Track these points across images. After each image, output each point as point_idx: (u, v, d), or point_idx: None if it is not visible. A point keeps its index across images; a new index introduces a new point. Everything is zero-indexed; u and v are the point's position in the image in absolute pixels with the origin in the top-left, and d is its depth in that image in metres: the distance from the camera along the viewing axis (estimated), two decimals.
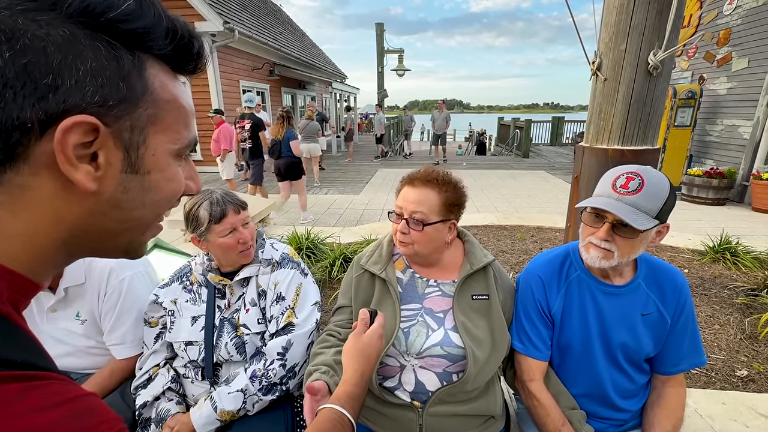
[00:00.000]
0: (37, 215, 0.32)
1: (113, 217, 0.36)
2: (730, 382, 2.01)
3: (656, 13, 1.78)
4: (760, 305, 2.58)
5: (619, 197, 0.96)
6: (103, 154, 0.32)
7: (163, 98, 0.36)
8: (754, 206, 5.72)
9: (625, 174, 0.98)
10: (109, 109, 0.32)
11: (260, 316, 1.25)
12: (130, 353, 1.31)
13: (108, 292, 1.28)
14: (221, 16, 8.55)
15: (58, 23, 0.30)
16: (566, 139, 16.37)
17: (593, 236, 1.01)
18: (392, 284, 1.12)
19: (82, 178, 0.32)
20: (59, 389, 0.29)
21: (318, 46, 20.93)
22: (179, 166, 0.40)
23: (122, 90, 0.33)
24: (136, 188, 0.36)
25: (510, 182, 8.31)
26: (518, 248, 3.79)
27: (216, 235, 1.18)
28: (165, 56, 0.36)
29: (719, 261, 3.36)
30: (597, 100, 2.03)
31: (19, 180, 0.31)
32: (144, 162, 0.36)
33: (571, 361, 1.14)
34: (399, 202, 1.09)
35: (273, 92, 12.45)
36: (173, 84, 0.38)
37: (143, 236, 0.41)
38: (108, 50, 0.32)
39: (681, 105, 6.52)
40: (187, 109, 0.39)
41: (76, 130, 0.30)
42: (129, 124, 0.34)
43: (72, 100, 0.30)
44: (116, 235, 0.38)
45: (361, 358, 0.82)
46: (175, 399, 1.23)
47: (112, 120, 0.32)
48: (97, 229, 0.36)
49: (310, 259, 3.27)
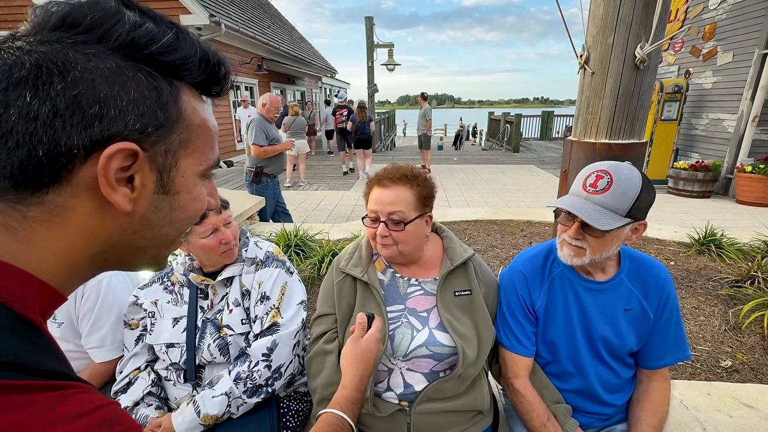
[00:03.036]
0: (72, 233, 0.34)
1: (143, 235, 0.38)
2: (715, 372, 2.04)
3: (643, 6, 1.77)
4: (744, 296, 2.63)
5: (588, 196, 0.97)
6: (139, 177, 0.34)
7: (195, 123, 0.38)
8: (738, 198, 5.83)
9: (595, 172, 0.98)
10: (147, 136, 0.34)
11: (244, 317, 1.22)
12: (110, 356, 1.27)
13: (86, 294, 1.24)
14: (207, 9, 8.38)
15: (105, 56, 0.32)
16: (556, 134, 16.50)
17: (565, 234, 1.02)
18: (375, 287, 1.09)
19: (120, 200, 0.34)
20: (88, 398, 0.30)
21: (308, 40, 20.72)
22: (203, 185, 0.42)
23: (160, 117, 0.35)
24: (165, 208, 0.38)
25: (500, 177, 8.34)
26: (508, 243, 3.80)
27: (197, 236, 1.14)
28: (196, 83, 0.39)
29: (704, 253, 3.41)
30: (585, 93, 2.03)
31: (60, 201, 0.33)
32: (174, 183, 0.38)
33: (557, 356, 1.14)
34: (372, 205, 1.04)
35: (262, 87, 12.29)
36: (202, 108, 0.40)
37: (167, 251, 0.43)
38: (149, 80, 0.34)
39: (667, 99, 6.59)
40: (213, 132, 0.42)
41: (118, 156, 0.32)
42: (164, 148, 0.36)
43: (115, 128, 0.32)
44: (144, 251, 0.40)
45: (360, 363, 0.83)
46: (154, 404, 1.19)
47: (150, 145, 0.35)
48: (126, 246, 0.38)
49: (299, 256, 3.24)
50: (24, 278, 0.32)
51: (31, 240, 0.33)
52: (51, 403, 0.28)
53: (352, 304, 1.11)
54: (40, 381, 0.29)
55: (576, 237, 0.99)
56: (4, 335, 0.29)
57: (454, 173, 8.71)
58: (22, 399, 0.27)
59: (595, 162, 1.06)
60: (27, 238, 0.33)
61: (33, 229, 0.33)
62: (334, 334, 1.13)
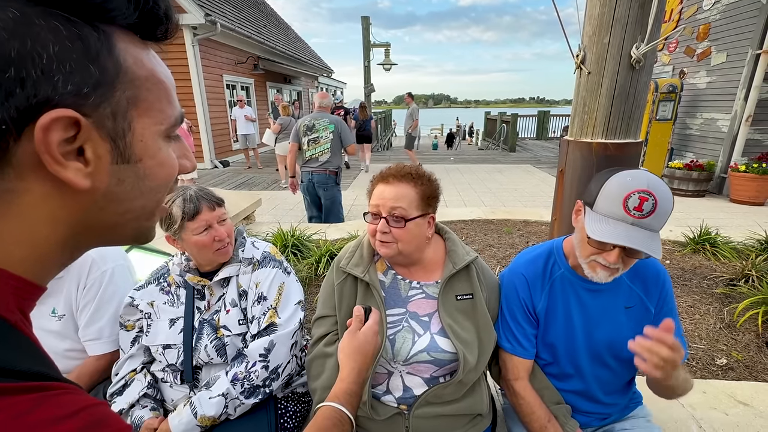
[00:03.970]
0: (32, 219, 0.30)
1: (112, 211, 0.34)
2: (710, 370, 2.06)
3: (639, 6, 1.78)
4: (738, 294, 2.65)
5: (634, 221, 0.89)
6: (89, 147, 0.30)
7: (140, 75, 0.33)
8: (732, 197, 5.87)
9: (636, 194, 0.89)
10: (85, 98, 0.29)
11: (241, 317, 1.21)
12: (107, 349, 1.26)
13: (88, 284, 1.23)
14: (202, 8, 8.34)
15: (3, 2, 0.26)
16: (552, 133, 16.56)
17: (601, 257, 0.96)
18: (376, 287, 1.07)
19: (73, 176, 0.30)
20: (71, 399, 0.28)
21: (304, 40, 20.69)
22: (170, 147, 0.37)
23: (94, 74, 0.29)
24: (130, 178, 0.34)
25: (497, 176, 8.36)
26: (505, 242, 3.81)
27: (190, 233, 1.13)
28: (131, 25, 0.32)
29: (699, 252, 3.43)
30: (581, 93, 2.03)
31: (7, 185, 0.29)
32: (134, 150, 0.33)
33: (557, 358, 1.14)
34: (375, 200, 1.04)
35: (258, 87, 12.24)
36: (147, 57, 0.34)
37: (149, 222, 0.39)
38: (68, 29, 0.28)
39: (662, 99, 6.63)
40: (167, 83, 0.36)
41: (55, 126, 0.28)
42: (109, 110, 0.31)
43: (43, 92, 0.27)
44: (119, 227, 0.36)
45: (357, 356, 0.82)
46: (149, 405, 1.18)
47: (91, 109, 0.29)
48: (97, 225, 0.34)
49: (296, 256, 3.23)
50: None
51: None
52: (28, 406, 0.26)
53: (352, 306, 1.09)
54: (16, 383, 0.26)
55: (617, 262, 0.93)
56: None
57: (451, 173, 8.72)
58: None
59: (592, 162, 1.05)
60: None
61: None
62: (334, 337, 1.12)
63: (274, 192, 6.93)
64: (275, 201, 6.21)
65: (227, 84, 10.39)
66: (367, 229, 1.07)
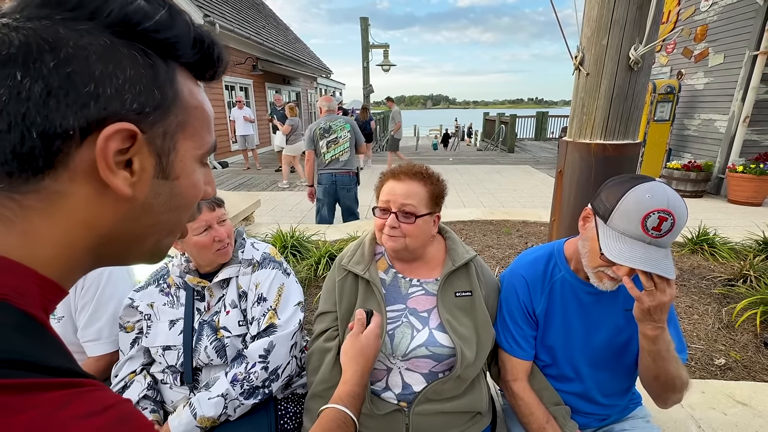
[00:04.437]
0: (71, 222, 0.33)
1: (144, 222, 0.37)
2: (709, 371, 2.06)
3: (637, 7, 1.78)
4: (736, 295, 2.66)
5: (652, 240, 0.88)
6: (138, 160, 0.33)
7: (191, 105, 0.37)
8: (730, 198, 5.89)
9: (656, 213, 0.87)
10: (146, 116, 0.33)
11: (241, 318, 1.21)
12: (106, 350, 1.26)
13: (86, 285, 1.24)
14: (201, 9, 8.34)
15: (97, 33, 0.31)
16: (550, 134, 16.60)
17: (610, 270, 0.95)
18: (376, 285, 1.09)
19: (120, 183, 0.32)
20: (100, 396, 0.29)
21: (303, 41, 20.71)
22: (201, 171, 0.41)
23: (157, 97, 0.33)
24: (165, 193, 0.37)
25: (496, 177, 8.37)
26: (504, 243, 3.82)
27: (190, 233, 1.14)
28: (190, 64, 0.37)
29: (698, 252, 3.44)
30: (580, 95, 2.04)
31: (57, 187, 0.31)
32: (174, 168, 0.37)
33: (556, 360, 1.14)
34: (385, 196, 1.07)
35: (257, 88, 12.24)
36: (198, 90, 0.39)
37: (167, 239, 0.41)
38: (144, 59, 0.33)
39: (660, 100, 6.66)
40: (210, 115, 0.41)
41: (116, 137, 0.31)
42: (162, 130, 0.34)
43: (112, 107, 0.31)
44: (144, 239, 0.38)
45: (360, 359, 0.84)
46: (149, 407, 1.18)
47: (148, 127, 0.33)
48: (128, 234, 0.36)
49: (295, 257, 3.23)
50: (23, 273, 0.31)
51: (28, 231, 0.31)
52: (62, 402, 0.27)
53: (352, 302, 1.11)
54: (50, 379, 0.27)
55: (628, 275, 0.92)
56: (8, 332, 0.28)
57: (450, 174, 8.73)
58: (31, 399, 0.26)
59: (591, 163, 1.06)
60: (24, 229, 0.31)
61: (30, 219, 0.31)
62: (334, 332, 1.13)
63: (273, 193, 6.93)
64: (274, 202, 6.20)
65: (226, 85, 10.39)
66: (375, 223, 1.10)
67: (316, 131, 3.93)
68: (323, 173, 4.02)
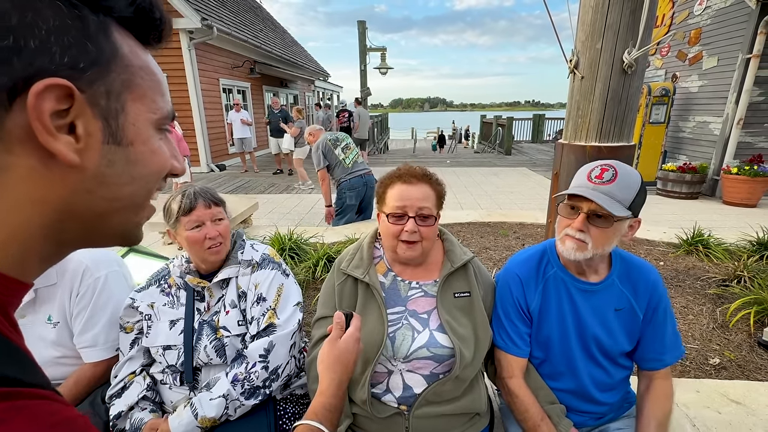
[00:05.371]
0: (16, 200, 0.29)
1: (101, 195, 0.33)
2: (704, 370, 2.09)
3: (630, 12, 1.82)
4: (731, 295, 2.68)
5: (595, 186, 0.99)
6: (81, 123, 0.30)
7: (135, 64, 0.34)
8: (725, 199, 5.95)
9: (599, 166, 1.01)
10: (81, 72, 0.29)
11: (241, 318, 1.22)
12: (102, 356, 1.26)
13: (81, 291, 1.22)
14: (199, 12, 8.36)
15: None
16: (547, 136, 16.68)
17: (569, 227, 1.03)
18: (376, 288, 1.09)
19: (63, 148, 0.29)
20: (47, 409, 0.26)
21: (300, 44, 20.77)
22: (161, 139, 0.37)
23: (91, 51, 0.30)
24: (121, 161, 0.33)
25: (493, 179, 8.41)
26: (501, 244, 3.84)
27: (183, 228, 1.16)
28: (127, 22, 0.34)
29: (692, 253, 3.48)
30: (575, 97, 2.07)
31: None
32: (126, 132, 0.33)
33: (551, 357, 1.16)
34: (399, 201, 1.03)
35: (254, 90, 12.26)
36: (142, 51, 0.35)
37: (137, 217, 0.38)
38: (70, 10, 0.29)
39: (655, 102, 6.72)
40: (160, 78, 0.37)
41: (49, 95, 0.28)
42: (104, 89, 0.31)
43: (40, 62, 0.27)
44: (107, 217, 0.34)
45: (337, 367, 0.77)
46: (149, 407, 1.19)
47: (86, 85, 0.30)
48: (84, 211, 0.33)
49: (293, 259, 3.23)
50: None
51: None
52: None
53: (353, 306, 1.11)
54: None
55: (581, 228, 1.00)
56: None
57: (447, 176, 8.76)
58: None
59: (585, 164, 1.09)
60: None
61: None
62: None
63: (271, 195, 6.94)
64: (272, 204, 6.21)
65: (224, 88, 10.40)
66: (388, 230, 1.06)
67: (327, 143, 3.92)
68: (353, 177, 3.96)
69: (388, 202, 1.07)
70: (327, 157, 3.93)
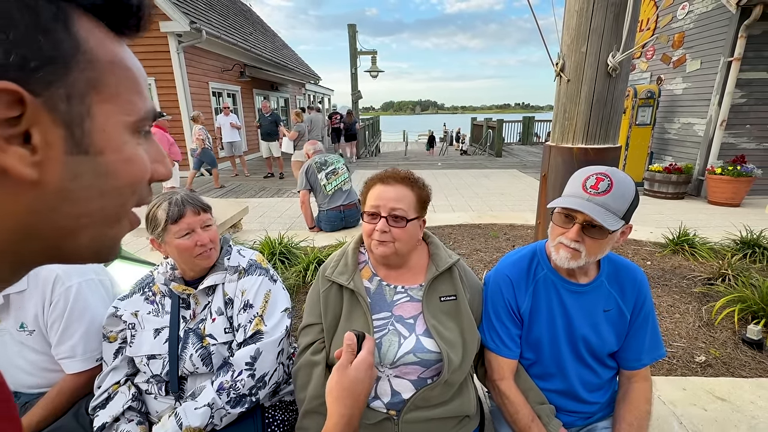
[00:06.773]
0: None
1: (66, 213, 0.28)
2: (690, 368, 2.12)
3: (614, 16, 1.85)
4: (716, 293, 2.73)
5: (590, 198, 0.97)
6: (37, 132, 0.25)
7: (104, 59, 0.29)
8: (710, 199, 6.06)
9: (594, 175, 1.00)
10: (32, 73, 0.25)
11: (227, 326, 1.20)
12: (82, 367, 1.22)
13: (54, 301, 1.18)
14: (187, 15, 8.29)
15: None
16: (536, 138, 16.87)
17: (563, 236, 1.02)
18: (361, 294, 1.08)
19: (16, 163, 0.25)
20: None
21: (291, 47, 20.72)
22: (139, 144, 0.32)
23: (45, 47, 0.25)
24: (88, 174, 0.29)
25: (484, 181, 8.46)
26: (492, 246, 3.86)
27: (173, 236, 1.14)
28: (97, 9, 0.29)
29: (678, 252, 3.54)
30: (561, 100, 2.09)
31: None
32: (93, 139, 0.28)
33: (542, 358, 1.16)
34: (374, 201, 1.06)
35: (245, 94, 12.19)
36: (114, 43, 0.30)
37: (112, 230, 0.32)
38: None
39: (641, 104, 6.83)
40: (136, 73, 0.32)
41: None
42: (63, 92, 0.26)
43: None
44: (74, 235, 0.30)
45: (348, 400, 0.67)
46: (135, 419, 1.16)
47: (41, 87, 0.25)
48: (46, 230, 0.28)
49: (283, 264, 3.21)
50: None
51: None
52: None
53: (338, 313, 1.11)
54: None
55: (576, 239, 0.99)
56: None
57: (439, 178, 8.79)
58: None
59: (574, 166, 1.09)
60: None
61: None
62: (321, 345, 1.12)
63: (261, 199, 6.89)
64: (262, 209, 6.16)
65: (213, 91, 10.32)
66: (363, 229, 1.09)
67: (312, 166, 3.88)
68: (331, 209, 3.84)
69: (367, 201, 1.09)
70: (309, 180, 3.91)
